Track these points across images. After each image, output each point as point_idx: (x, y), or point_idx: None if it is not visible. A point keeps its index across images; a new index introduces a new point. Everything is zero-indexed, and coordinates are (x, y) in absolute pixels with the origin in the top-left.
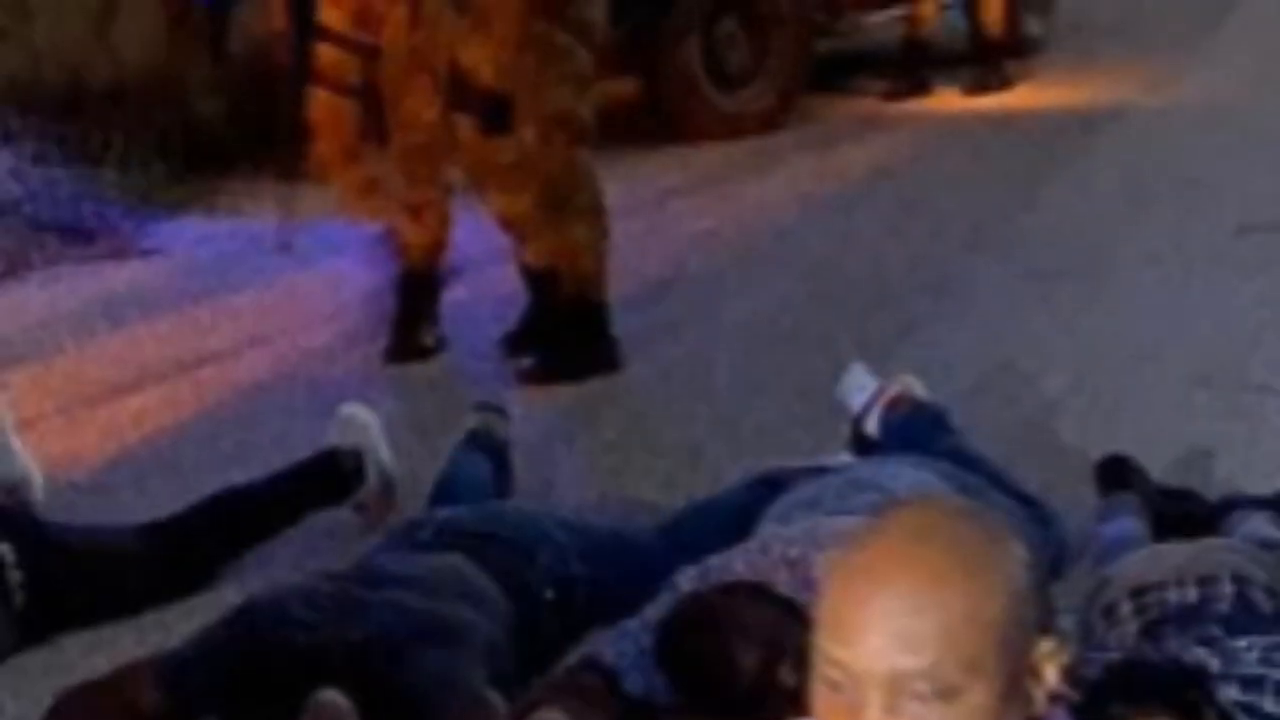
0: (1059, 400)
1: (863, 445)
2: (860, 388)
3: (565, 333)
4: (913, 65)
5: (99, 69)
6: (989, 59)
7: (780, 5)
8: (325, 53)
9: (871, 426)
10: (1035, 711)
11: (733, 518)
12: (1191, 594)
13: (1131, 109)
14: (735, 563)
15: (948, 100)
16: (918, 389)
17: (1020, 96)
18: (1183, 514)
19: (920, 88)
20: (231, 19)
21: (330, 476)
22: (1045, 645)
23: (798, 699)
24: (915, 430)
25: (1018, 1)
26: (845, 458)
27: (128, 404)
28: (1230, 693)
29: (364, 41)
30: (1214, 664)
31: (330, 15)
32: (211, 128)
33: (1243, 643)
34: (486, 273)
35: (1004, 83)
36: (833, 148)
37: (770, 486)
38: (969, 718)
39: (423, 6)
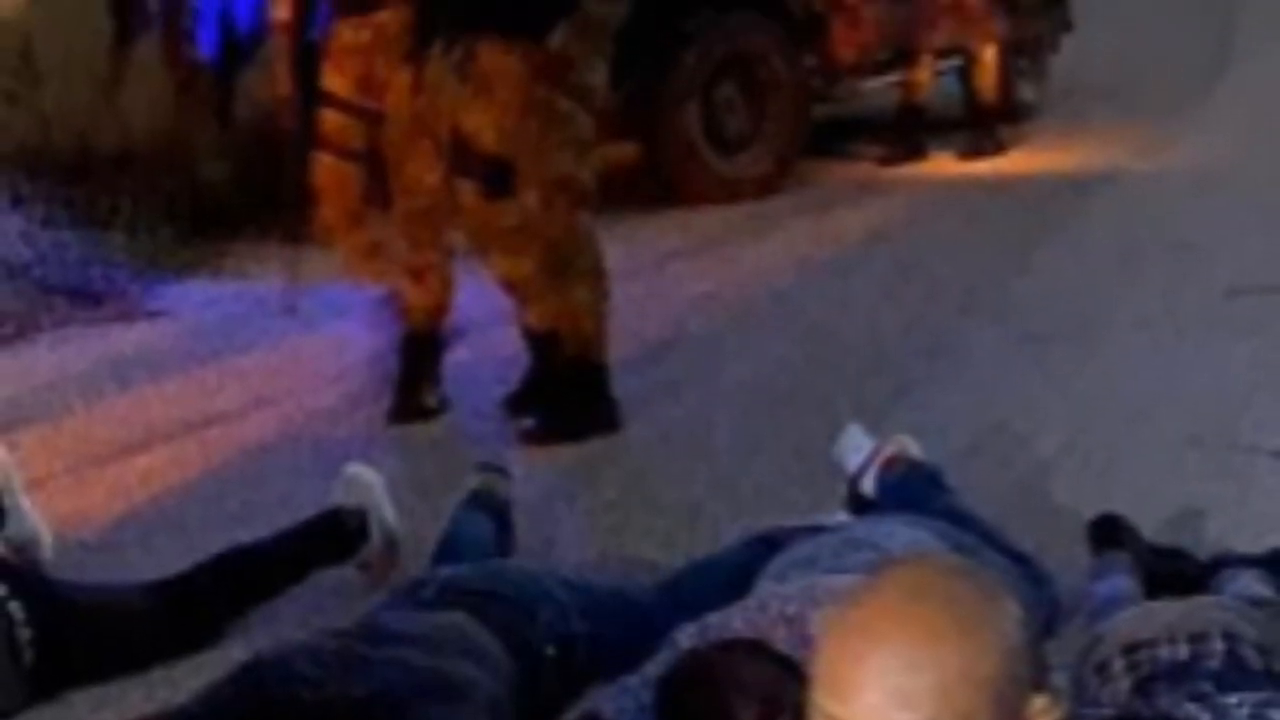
0: (1052, 461)
1: (859, 504)
2: (856, 448)
3: (566, 394)
4: (908, 131)
5: (107, 134)
6: (983, 124)
7: (778, 71)
8: (329, 118)
9: (868, 486)
10: None
11: (731, 576)
12: (1183, 651)
13: (1123, 173)
14: (734, 620)
15: (943, 165)
16: (913, 449)
17: (1014, 161)
18: (1174, 572)
19: (916, 153)
20: (237, 85)
21: (335, 535)
22: (1039, 702)
23: None
24: (911, 490)
25: (1011, 68)
26: (842, 517)
27: (135, 464)
28: None
29: (367, 107)
30: None
31: (334, 81)
32: (218, 192)
33: (1233, 699)
34: (488, 335)
35: (998, 148)
36: (829, 212)
37: (768, 545)
38: None
39: (425, 73)
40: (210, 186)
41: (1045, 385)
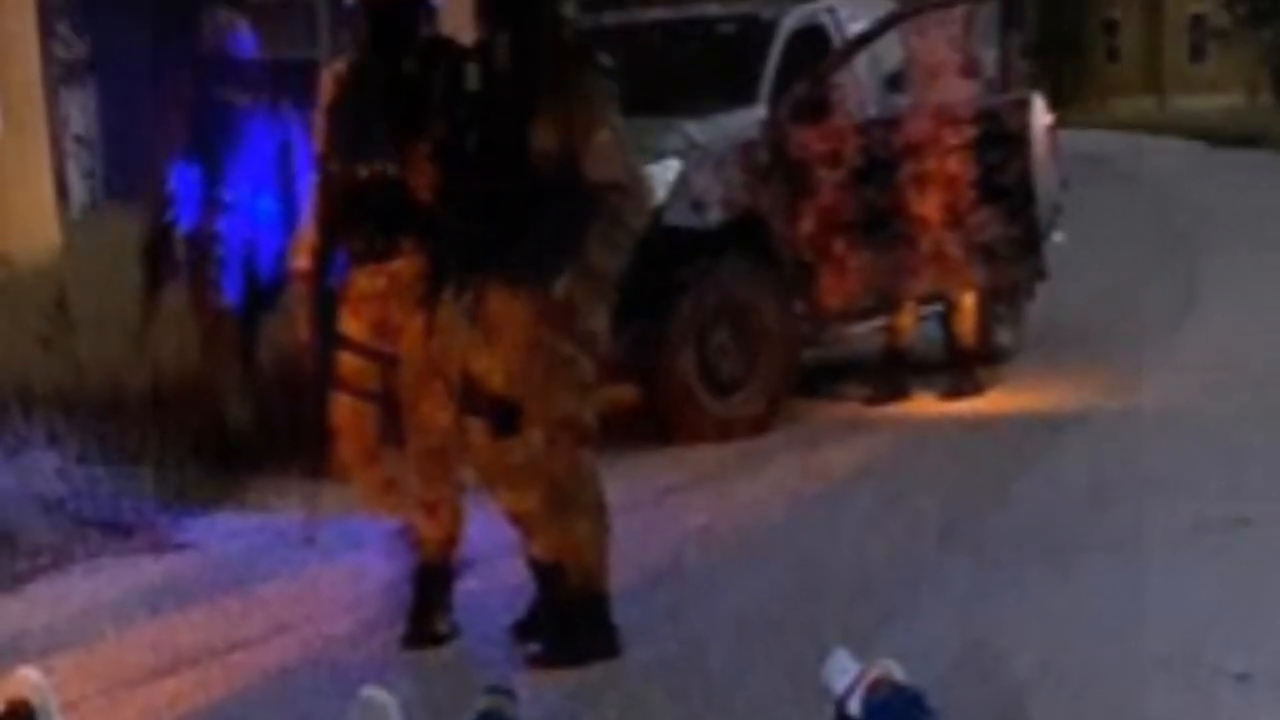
0: (1029, 681)
1: None
2: (844, 671)
3: (569, 621)
4: (892, 372)
5: (138, 376)
6: (963, 367)
7: (769, 318)
8: (347, 361)
9: (854, 708)
10: None
11: None
12: None
13: (1095, 412)
14: None
15: (925, 405)
16: (897, 672)
17: (992, 401)
18: None
19: (899, 393)
20: (260, 331)
21: None
22: None
23: None
24: (895, 711)
25: (989, 313)
26: None
27: (164, 687)
28: None
29: (383, 351)
30: None
31: (351, 326)
32: (241, 430)
33: None
34: (496, 566)
35: (977, 388)
36: (818, 449)
37: None
38: None
39: (437, 317)
40: (234, 425)
41: (1021, 611)
